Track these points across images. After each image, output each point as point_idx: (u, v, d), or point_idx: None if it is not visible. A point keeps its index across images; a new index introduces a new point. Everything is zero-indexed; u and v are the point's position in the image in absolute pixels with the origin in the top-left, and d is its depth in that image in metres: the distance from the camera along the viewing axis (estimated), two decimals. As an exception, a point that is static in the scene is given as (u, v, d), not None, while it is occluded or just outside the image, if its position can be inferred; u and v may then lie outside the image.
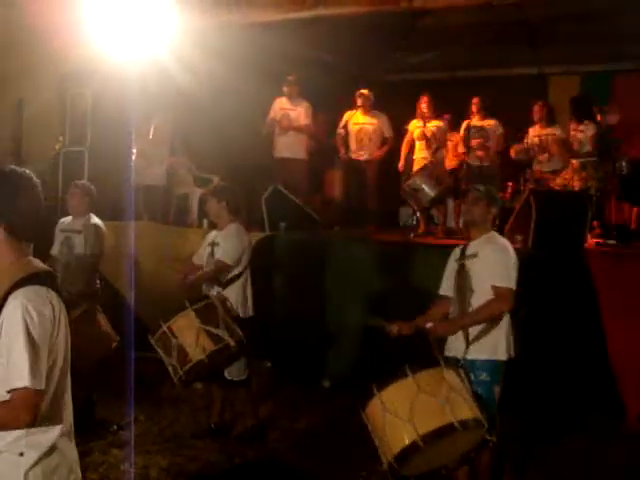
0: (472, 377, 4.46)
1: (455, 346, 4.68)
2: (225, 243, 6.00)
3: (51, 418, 2.59)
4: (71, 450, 2.73)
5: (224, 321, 5.54)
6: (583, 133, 8.74)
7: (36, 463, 2.56)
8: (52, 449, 2.59)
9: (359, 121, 9.82)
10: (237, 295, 6.00)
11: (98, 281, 6.72)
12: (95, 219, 6.71)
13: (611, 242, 7.97)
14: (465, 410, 4.14)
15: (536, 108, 9.18)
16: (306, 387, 7.37)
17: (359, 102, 9.76)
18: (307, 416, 6.68)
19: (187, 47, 8.07)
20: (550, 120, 9.17)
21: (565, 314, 6.44)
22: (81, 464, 5.17)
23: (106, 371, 6.25)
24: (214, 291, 5.90)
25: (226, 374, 5.91)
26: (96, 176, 9.04)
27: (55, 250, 6.68)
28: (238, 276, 6.01)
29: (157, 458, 5.58)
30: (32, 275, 2.55)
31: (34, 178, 2.70)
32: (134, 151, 9.32)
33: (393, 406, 4.16)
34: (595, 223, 8.05)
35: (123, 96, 8.45)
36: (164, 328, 5.52)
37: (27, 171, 2.71)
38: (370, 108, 9.78)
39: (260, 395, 6.41)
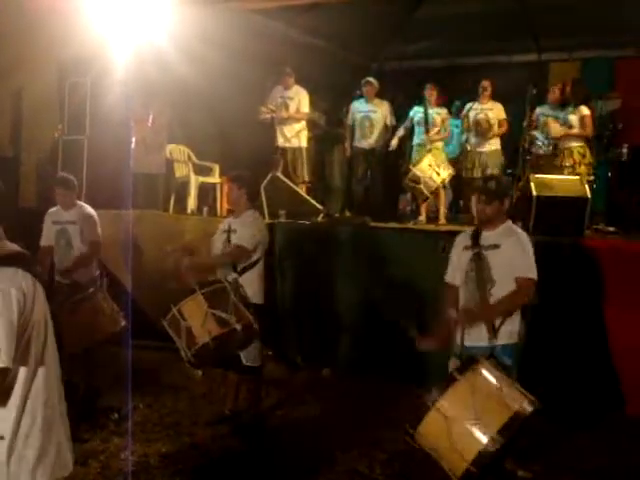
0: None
1: (476, 335, 4.69)
2: (243, 229, 5.95)
3: (32, 397, 2.59)
4: (59, 429, 2.70)
5: (234, 306, 5.51)
6: (575, 115, 8.69)
7: (18, 446, 2.54)
8: (34, 431, 2.58)
9: (364, 109, 9.84)
10: (254, 282, 5.96)
11: (97, 271, 6.74)
12: (87, 208, 6.77)
13: (611, 229, 7.97)
14: (518, 395, 4.18)
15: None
16: (306, 375, 7.38)
17: (365, 89, 9.77)
18: (307, 404, 6.69)
19: (186, 34, 8.04)
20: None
21: (565, 300, 6.43)
22: (82, 452, 5.24)
23: (106, 358, 6.25)
24: (230, 277, 5.84)
25: (243, 360, 5.90)
26: (95, 164, 9.04)
27: (48, 241, 6.68)
28: (256, 263, 5.98)
29: (157, 446, 5.58)
30: (1, 257, 2.56)
31: None
32: (133, 139, 9.30)
33: (455, 413, 4.10)
34: (595, 209, 8.03)
35: (122, 84, 8.44)
36: (174, 310, 5.51)
37: None
38: (375, 96, 9.80)
39: (261, 383, 6.41)
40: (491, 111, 9.42)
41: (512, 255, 4.69)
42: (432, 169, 8.67)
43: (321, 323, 7.62)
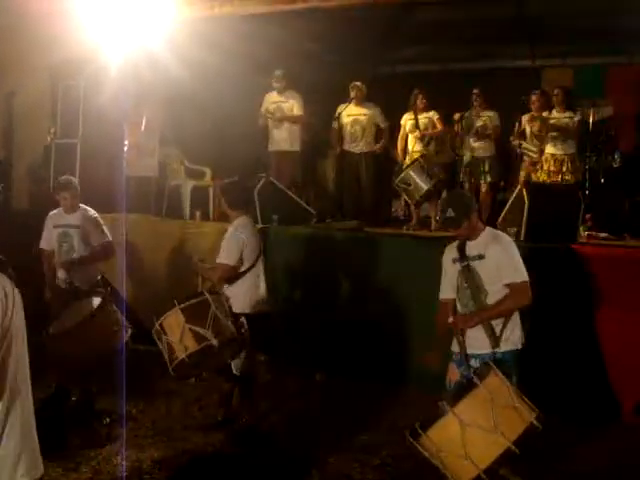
0: None
1: (478, 342, 4.69)
2: (224, 242, 5.95)
3: (13, 400, 2.60)
4: (33, 433, 2.72)
5: (213, 320, 5.42)
6: (570, 119, 8.70)
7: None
8: (14, 434, 2.60)
9: (352, 113, 9.78)
10: (246, 290, 5.94)
11: (99, 276, 6.74)
12: (90, 211, 6.74)
13: (603, 234, 7.98)
14: (529, 409, 4.19)
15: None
16: (300, 380, 7.37)
17: (352, 94, 9.70)
18: (300, 409, 6.68)
19: (180, 38, 8.04)
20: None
21: (558, 307, 6.44)
22: (74, 457, 5.22)
23: (99, 363, 6.21)
24: (221, 288, 5.82)
25: (234, 369, 5.90)
26: (88, 168, 9.02)
27: (49, 245, 6.66)
28: (246, 271, 5.94)
29: (150, 451, 5.57)
30: None
31: None
32: (126, 143, 9.28)
33: (473, 420, 4.06)
34: (587, 215, 8.05)
35: (115, 87, 8.42)
36: (157, 325, 5.48)
37: None
38: (363, 100, 9.75)
39: (255, 389, 6.39)
40: (486, 118, 9.40)
41: (498, 263, 4.68)
42: (424, 172, 8.66)
43: (314, 328, 7.59)
